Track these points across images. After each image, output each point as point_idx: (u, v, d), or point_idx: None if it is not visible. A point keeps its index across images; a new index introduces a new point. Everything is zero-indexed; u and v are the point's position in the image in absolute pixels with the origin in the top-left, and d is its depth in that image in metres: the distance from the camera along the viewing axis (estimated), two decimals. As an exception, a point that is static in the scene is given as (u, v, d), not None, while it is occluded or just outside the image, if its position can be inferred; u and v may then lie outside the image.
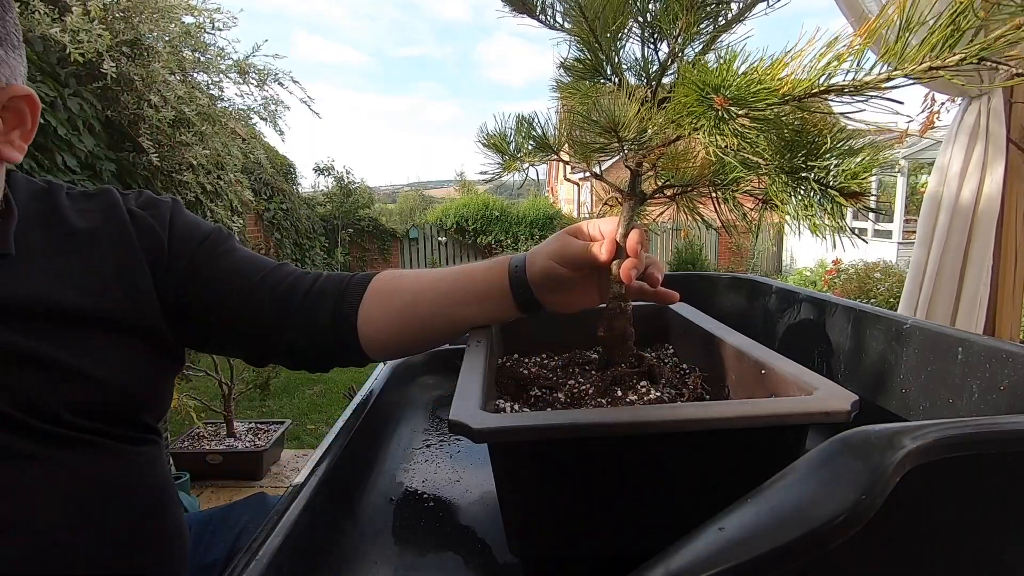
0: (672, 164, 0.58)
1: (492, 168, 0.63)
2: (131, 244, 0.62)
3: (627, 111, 0.49)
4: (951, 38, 0.35)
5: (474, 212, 9.17)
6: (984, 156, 1.56)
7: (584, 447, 0.44)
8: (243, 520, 0.82)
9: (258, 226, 5.73)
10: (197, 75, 3.43)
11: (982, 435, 0.29)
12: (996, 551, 0.32)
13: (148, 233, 0.63)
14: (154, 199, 0.67)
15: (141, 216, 0.64)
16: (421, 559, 0.52)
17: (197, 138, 3.09)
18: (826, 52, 0.38)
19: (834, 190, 0.44)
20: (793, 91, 0.39)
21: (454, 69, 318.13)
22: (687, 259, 8.14)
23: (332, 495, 0.53)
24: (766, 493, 0.31)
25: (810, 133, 0.45)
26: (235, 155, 3.47)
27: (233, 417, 2.78)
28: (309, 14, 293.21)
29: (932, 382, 0.63)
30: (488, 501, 0.60)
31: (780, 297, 0.95)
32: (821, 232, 0.46)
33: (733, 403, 0.45)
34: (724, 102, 0.40)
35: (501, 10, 0.58)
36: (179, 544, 0.65)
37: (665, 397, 0.55)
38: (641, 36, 0.56)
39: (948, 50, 0.35)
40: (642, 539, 0.46)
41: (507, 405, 0.56)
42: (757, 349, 0.57)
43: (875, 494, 0.26)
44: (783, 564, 0.26)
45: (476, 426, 0.42)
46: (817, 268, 7.51)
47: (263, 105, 4.03)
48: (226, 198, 3.40)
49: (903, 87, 0.38)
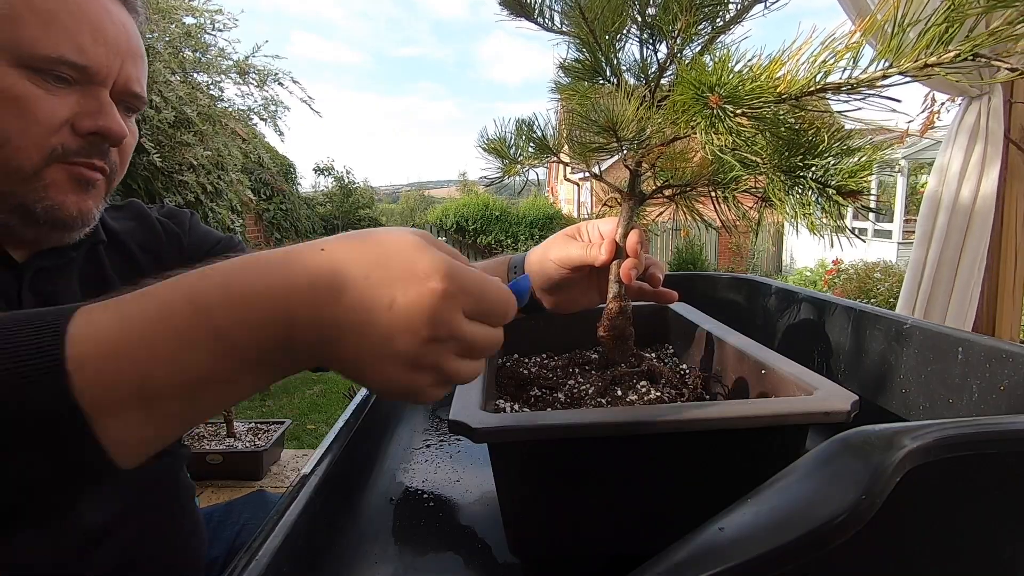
0: (671, 164, 0.58)
1: (493, 172, 0.63)
2: (163, 248, 0.68)
3: (626, 110, 0.49)
4: (945, 34, 0.35)
5: (474, 212, 9.18)
6: (984, 156, 1.56)
7: (584, 447, 0.44)
8: (243, 518, 0.83)
9: (258, 226, 5.74)
10: (198, 75, 3.44)
11: (982, 435, 0.29)
12: (996, 550, 0.32)
13: (173, 237, 0.70)
14: (174, 210, 0.74)
15: (166, 223, 0.71)
16: (421, 559, 0.52)
17: (198, 138, 3.10)
18: (822, 51, 0.39)
19: (832, 189, 0.44)
20: (790, 89, 0.39)
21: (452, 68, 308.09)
22: (687, 259, 8.14)
23: (332, 495, 0.53)
24: (766, 493, 0.31)
25: (808, 132, 0.45)
26: (235, 155, 3.47)
27: (233, 417, 2.78)
28: (308, 13, 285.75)
29: (932, 382, 0.63)
30: (488, 501, 0.60)
31: (780, 297, 0.95)
32: (819, 231, 0.47)
33: (733, 403, 0.45)
34: (719, 100, 0.40)
35: (499, 13, 0.58)
36: (202, 538, 0.70)
37: (665, 397, 0.55)
38: (640, 37, 0.56)
39: (943, 47, 0.35)
40: (642, 539, 0.46)
41: (507, 405, 0.56)
42: (757, 349, 0.57)
43: (875, 494, 0.26)
44: (783, 564, 0.26)
45: (476, 426, 0.42)
46: (817, 268, 7.51)
47: (263, 105, 4.04)
48: (226, 198, 3.40)
49: (900, 85, 0.38)
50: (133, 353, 0.28)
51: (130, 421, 0.29)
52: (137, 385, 0.28)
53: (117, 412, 0.28)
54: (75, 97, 0.50)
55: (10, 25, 0.46)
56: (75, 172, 0.52)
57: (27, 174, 0.49)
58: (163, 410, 0.30)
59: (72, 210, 0.52)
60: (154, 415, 0.29)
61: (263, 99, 4.05)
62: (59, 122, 0.49)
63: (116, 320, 0.29)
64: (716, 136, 0.41)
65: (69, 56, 0.48)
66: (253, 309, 0.30)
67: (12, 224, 0.51)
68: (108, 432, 0.28)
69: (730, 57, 0.41)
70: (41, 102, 0.48)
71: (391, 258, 0.32)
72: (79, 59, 0.49)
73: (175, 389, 0.29)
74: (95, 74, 0.51)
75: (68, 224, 0.53)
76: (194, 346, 0.29)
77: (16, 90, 0.47)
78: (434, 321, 0.31)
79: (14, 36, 0.46)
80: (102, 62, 0.51)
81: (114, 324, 0.29)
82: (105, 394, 0.28)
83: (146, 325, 0.29)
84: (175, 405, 0.30)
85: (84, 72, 0.50)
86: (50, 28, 0.48)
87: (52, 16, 0.48)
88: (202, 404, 0.31)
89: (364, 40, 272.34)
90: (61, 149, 0.50)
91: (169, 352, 0.29)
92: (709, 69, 0.41)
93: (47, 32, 0.47)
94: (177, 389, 0.30)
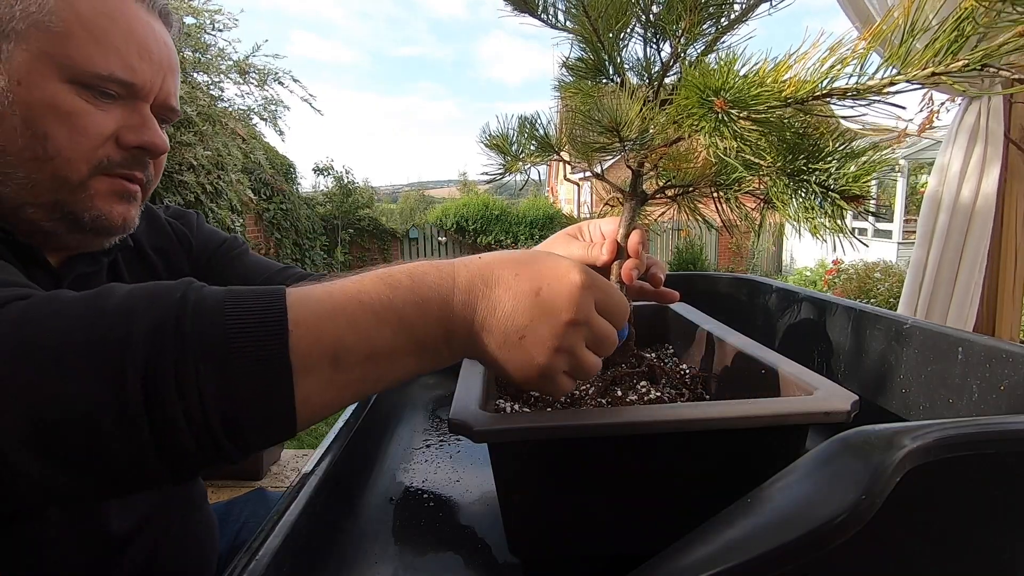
0: (673, 164, 0.58)
1: (494, 169, 0.63)
2: (172, 249, 0.70)
3: (629, 111, 0.49)
4: (955, 44, 0.35)
5: (474, 212, 9.17)
6: (984, 156, 1.56)
7: (584, 447, 0.44)
8: (243, 516, 0.83)
9: (258, 226, 5.73)
10: (197, 75, 3.44)
11: (982, 435, 0.29)
12: (996, 551, 0.32)
13: (182, 238, 0.72)
14: (181, 211, 0.75)
15: (176, 225, 0.72)
16: (421, 559, 0.52)
17: (198, 138, 3.10)
18: (829, 56, 0.39)
19: (835, 193, 0.44)
20: (796, 94, 0.39)
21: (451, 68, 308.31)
22: (687, 259, 8.13)
23: (332, 495, 0.53)
24: (766, 493, 0.31)
25: (812, 136, 0.45)
26: (235, 155, 3.47)
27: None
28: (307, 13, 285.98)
29: (932, 382, 0.63)
30: (488, 501, 0.60)
31: (780, 297, 0.95)
32: (822, 234, 0.47)
33: (733, 403, 0.45)
34: (724, 104, 0.40)
35: (502, 9, 0.58)
36: (214, 542, 0.71)
37: (665, 397, 0.55)
38: (644, 36, 0.56)
39: (951, 56, 0.35)
40: (642, 539, 0.46)
41: (507, 405, 0.56)
42: (757, 349, 0.57)
43: (875, 494, 0.26)
44: (783, 564, 0.26)
45: (476, 426, 0.42)
46: (817, 268, 7.51)
47: (263, 105, 4.04)
48: (226, 198, 3.40)
49: (906, 92, 0.38)
50: (335, 319, 0.34)
51: (319, 381, 0.33)
52: (333, 349, 0.34)
53: (312, 371, 0.33)
54: (120, 111, 0.52)
55: (63, 42, 0.48)
56: (117, 185, 0.53)
57: (74, 185, 0.50)
58: (345, 376, 0.34)
59: (118, 220, 0.54)
60: (336, 380, 0.34)
61: (263, 99, 4.05)
62: (106, 136, 0.51)
63: (324, 293, 0.35)
64: (721, 139, 0.41)
65: (119, 74, 0.50)
66: (425, 295, 0.37)
67: (59, 232, 0.52)
68: (300, 388, 0.33)
69: (736, 60, 0.41)
70: (90, 117, 0.50)
71: (537, 262, 0.40)
72: (128, 77, 0.51)
73: (359, 357, 0.35)
74: (140, 90, 0.52)
75: (113, 231, 0.55)
76: (381, 321, 0.35)
77: (68, 105, 0.48)
78: (576, 306, 0.38)
79: (67, 53, 0.48)
80: (147, 78, 0.53)
81: (323, 296, 0.35)
82: (310, 350, 0.33)
83: (347, 299, 0.35)
84: (356, 372, 0.35)
85: (131, 89, 0.52)
86: (101, 46, 0.49)
87: (104, 34, 0.49)
88: (373, 375, 0.36)
89: (363, 40, 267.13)
90: (107, 161, 0.52)
91: (362, 323, 0.34)
92: (714, 71, 0.41)
93: (99, 50, 0.49)
94: (361, 358, 0.35)
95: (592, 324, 0.39)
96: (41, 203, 0.50)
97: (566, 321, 0.38)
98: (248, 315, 0.32)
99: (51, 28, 0.47)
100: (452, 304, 0.37)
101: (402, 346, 0.36)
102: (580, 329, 0.39)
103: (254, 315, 0.32)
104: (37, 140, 0.48)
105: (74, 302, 0.32)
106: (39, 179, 0.49)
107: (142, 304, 0.31)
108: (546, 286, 0.38)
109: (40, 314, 0.31)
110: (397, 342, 0.36)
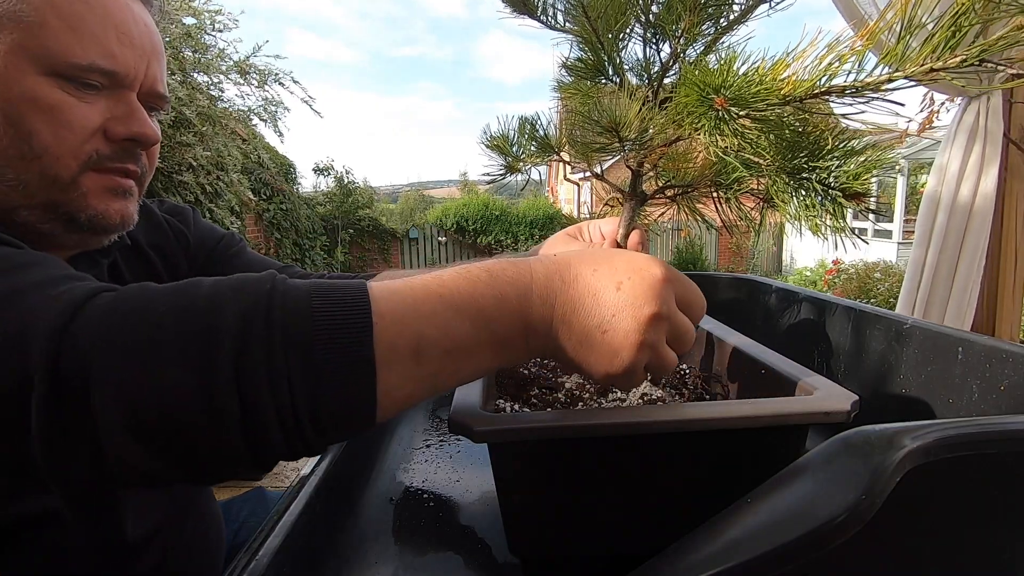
0: (673, 164, 0.58)
1: (495, 170, 0.63)
2: (169, 246, 0.69)
3: (628, 111, 0.49)
4: (952, 39, 0.35)
5: (474, 212, 9.17)
6: (983, 156, 1.56)
7: (584, 447, 0.44)
8: (242, 516, 0.83)
9: (258, 226, 5.73)
10: (197, 76, 3.44)
11: (982, 435, 0.29)
12: (996, 551, 0.32)
13: (179, 235, 0.70)
14: (177, 207, 0.74)
15: (172, 222, 0.71)
16: (421, 559, 0.52)
17: (197, 139, 3.10)
18: (827, 54, 0.39)
19: (835, 191, 0.44)
20: (794, 92, 0.39)
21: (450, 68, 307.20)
22: (687, 259, 8.13)
23: (332, 495, 0.53)
24: (766, 493, 0.31)
25: (812, 134, 0.45)
26: (235, 155, 3.47)
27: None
28: (307, 13, 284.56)
29: (932, 382, 0.63)
30: (488, 501, 0.60)
31: (780, 297, 0.95)
32: (822, 233, 0.47)
33: (733, 403, 0.45)
34: (724, 103, 0.40)
35: (502, 11, 0.58)
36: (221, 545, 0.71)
37: (665, 397, 0.55)
38: (643, 36, 0.56)
39: (949, 51, 0.35)
40: (642, 539, 0.46)
41: (507, 405, 0.56)
42: (757, 349, 0.57)
43: (875, 494, 0.26)
44: (783, 564, 0.26)
45: (476, 426, 0.42)
46: (817, 268, 7.51)
47: (263, 106, 4.04)
48: (226, 198, 3.40)
49: (904, 88, 0.38)
50: (418, 312, 0.34)
51: (400, 374, 0.33)
52: (415, 342, 0.33)
53: (394, 364, 0.33)
54: (105, 102, 0.50)
55: (38, 32, 0.45)
56: (110, 182, 0.52)
57: (65, 183, 0.49)
58: (425, 369, 0.34)
59: (115, 217, 0.52)
60: (416, 373, 0.34)
61: (263, 99, 4.05)
62: (92, 129, 0.49)
63: (405, 287, 0.35)
64: (721, 138, 0.41)
65: (99, 63, 0.48)
66: (503, 290, 0.36)
67: (57, 233, 0.51)
68: (383, 381, 0.32)
69: (736, 58, 0.41)
70: (73, 110, 0.48)
71: (614, 258, 0.39)
72: (109, 65, 0.49)
73: (439, 351, 0.34)
74: (124, 78, 0.50)
75: (111, 229, 0.53)
76: (461, 315, 0.35)
77: (49, 99, 0.46)
78: (658, 298, 0.37)
79: (42, 44, 0.45)
80: (130, 65, 0.50)
81: (404, 289, 0.35)
82: (393, 343, 0.33)
83: (427, 293, 0.35)
84: (435, 366, 0.35)
85: (114, 77, 0.49)
86: (78, 34, 0.47)
87: (79, 21, 0.47)
88: (451, 369, 0.36)
89: (363, 39, 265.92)
90: (96, 156, 0.50)
91: (443, 317, 0.34)
92: (714, 70, 0.41)
93: (76, 39, 0.47)
94: (441, 351, 0.34)
95: (673, 318, 0.39)
96: (34, 204, 0.48)
97: (650, 315, 0.37)
98: (334, 307, 0.32)
99: (24, 18, 0.45)
100: (531, 299, 0.37)
101: (481, 340, 0.36)
102: (663, 323, 0.38)
103: (340, 307, 0.32)
104: (22, 138, 0.46)
105: (163, 293, 0.32)
106: (28, 179, 0.47)
107: (231, 295, 0.32)
108: (627, 280, 0.38)
109: (131, 306, 0.31)
110: (476, 336, 0.36)
